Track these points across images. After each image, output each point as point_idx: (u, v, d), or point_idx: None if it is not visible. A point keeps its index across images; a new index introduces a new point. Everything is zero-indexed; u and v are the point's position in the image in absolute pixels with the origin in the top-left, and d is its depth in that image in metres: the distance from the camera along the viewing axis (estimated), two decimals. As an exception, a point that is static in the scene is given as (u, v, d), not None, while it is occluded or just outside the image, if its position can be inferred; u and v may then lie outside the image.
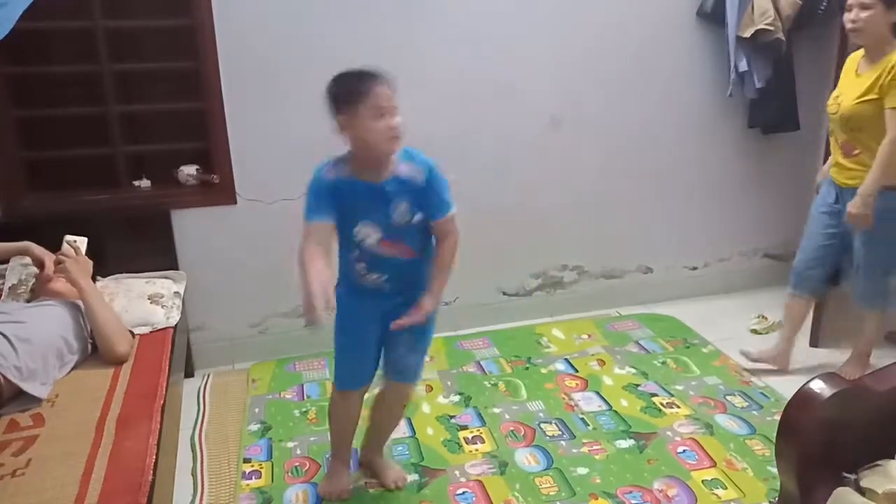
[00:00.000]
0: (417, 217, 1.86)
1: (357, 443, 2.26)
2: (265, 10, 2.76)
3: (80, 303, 2.31)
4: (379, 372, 2.09)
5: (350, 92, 1.76)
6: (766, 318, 3.29)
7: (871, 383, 1.48)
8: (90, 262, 2.41)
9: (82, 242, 2.43)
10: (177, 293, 2.66)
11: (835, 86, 3.55)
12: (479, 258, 3.27)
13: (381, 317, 1.96)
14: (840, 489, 1.41)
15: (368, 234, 1.85)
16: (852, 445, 1.41)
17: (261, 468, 2.33)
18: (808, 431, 1.41)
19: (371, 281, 1.92)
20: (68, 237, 2.42)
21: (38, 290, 2.37)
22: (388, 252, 1.87)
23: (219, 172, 2.89)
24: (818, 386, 1.43)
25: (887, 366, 1.56)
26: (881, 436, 1.41)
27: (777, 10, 3.09)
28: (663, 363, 2.97)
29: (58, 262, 2.32)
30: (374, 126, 1.74)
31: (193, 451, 2.45)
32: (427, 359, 3.00)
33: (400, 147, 1.81)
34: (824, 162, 3.62)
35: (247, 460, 2.38)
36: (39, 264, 2.35)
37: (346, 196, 1.82)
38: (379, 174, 1.83)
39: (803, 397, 1.43)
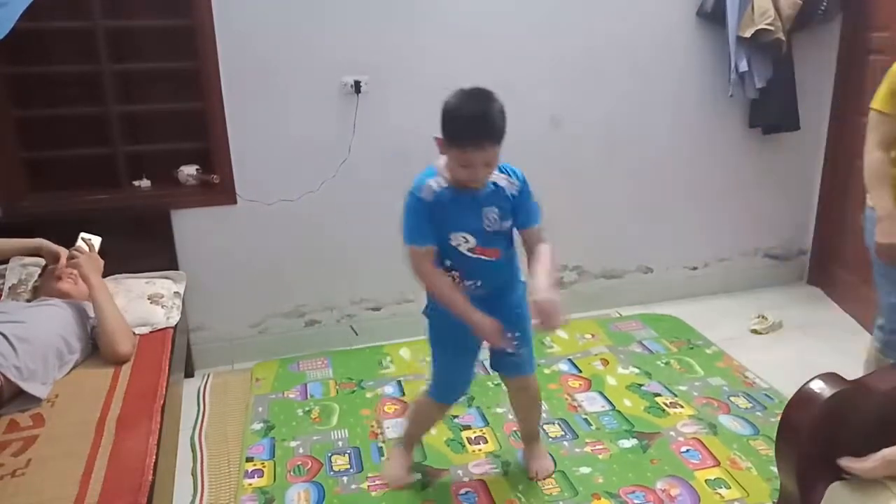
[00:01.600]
0: (506, 223, 1.91)
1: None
2: (265, 10, 2.75)
3: (81, 303, 2.31)
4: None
5: (452, 135, 1.75)
6: (767, 318, 3.29)
7: (871, 383, 1.48)
8: (101, 261, 2.42)
9: (96, 241, 2.46)
10: (177, 293, 2.66)
11: (835, 85, 3.57)
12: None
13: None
14: (834, 485, 1.41)
15: (464, 240, 1.88)
16: (852, 445, 1.41)
17: (263, 467, 2.33)
18: (808, 431, 1.41)
19: (465, 288, 1.94)
20: (84, 234, 2.44)
21: (43, 288, 2.37)
22: (482, 257, 1.91)
23: (219, 172, 2.89)
24: (818, 386, 1.43)
25: (887, 366, 1.55)
26: (881, 436, 1.40)
27: (777, 10, 3.08)
28: (667, 363, 2.97)
29: (71, 258, 2.34)
30: (458, 170, 1.78)
31: (193, 451, 2.45)
32: (430, 359, 3.02)
33: (483, 183, 1.84)
34: (825, 161, 3.65)
35: (249, 459, 2.38)
36: (54, 258, 2.36)
37: (442, 206, 1.84)
38: (472, 186, 1.85)
39: (803, 397, 1.43)
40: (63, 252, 2.37)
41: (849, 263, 3.47)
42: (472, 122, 1.73)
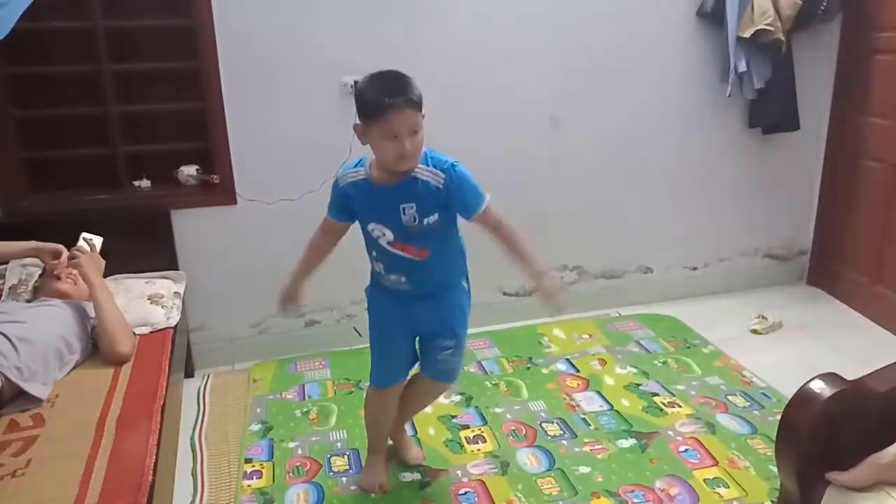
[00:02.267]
0: (429, 220, 1.83)
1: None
2: (265, 9, 2.75)
3: (81, 304, 2.31)
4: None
5: (369, 108, 1.72)
6: (767, 318, 3.29)
7: (871, 383, 1.48)
8: (103, 261, 2.42)
9: (98, 241, 2.46)
10: (177, 293, 2.66)
11: (835, 85, 3.57)
12: (479, 258, 3.25)
13: (411, 317, 2.00)
14: (833, 488, 1.41)
15: (381, 233, 1.88)
16: (852, 445, 1.41)
17: (262, 468, 2.33)
18: (808, 431, 1.41)
19: (391, 282, 1.95)
20: (85, 234, 2.44)
21: (43, 288, 2.37)
22: (402, 253, 1.89)
23: (219, 172, 2.89)
24: (818, 386, 1.43)
25: (887, 366, 1.55)
26: (881, 436, 1.40)
27: (777, 10, 3.08)
28: (664, 363, 2.97)
29: (72, 258, 2.34)
30: (385, 146, 1.73)
31: (193, 451, 2.45)
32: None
33: (409, 166, 1.78)
34: (824, 161, 3.66)
35: (248, 460, 2.38)
36: (54, 255, 2.35)
37: (358, 197, 1.89)
38: (394, 177, 1.82)
39: (803, 397, 1.43)
40: (62, 247, 2.36)
41: (855, 262, 3.48)
42: (387, 88, 1.70)
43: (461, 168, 1.85)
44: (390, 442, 2.32)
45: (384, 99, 1.68)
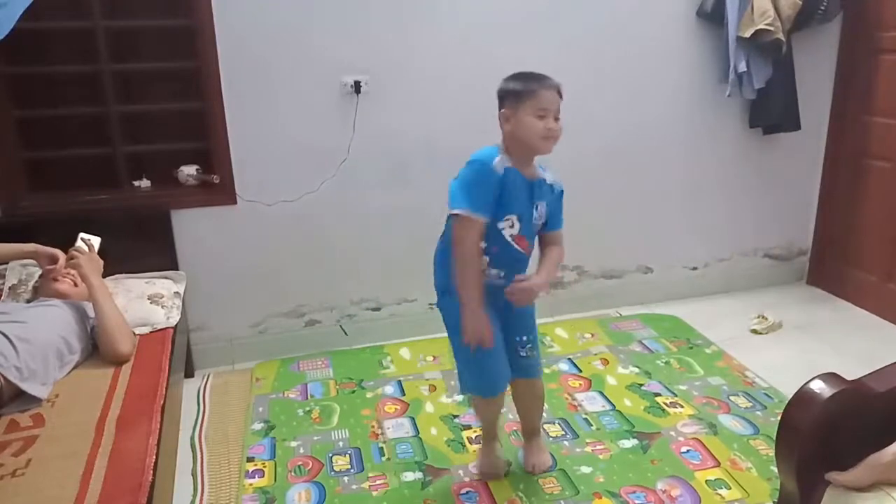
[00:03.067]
0: (544, 220, 2.01)
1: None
2: (265, 9, 2.75)
3: (81, 303, 2.31)
4: None
5: (519, 89, 1.87)
6: (767, 318, 3.29)
7: (871, 383, 1.48)
8: (101, 262, 2.42)
9: (96, 241, 2.45)
10: (177, 293, 2.66)
11: (835, 85, 3.58)
12: (479, 258, 3.27)
13: (500, 314, 2.02)
14: (832, 488, 1.41)
15: (511, 225, 1.92)
16: (852, 445, 1.41)
17: (264, 467, 2.33)
18: (808, 431, 1.41)
19: (491, 276, 1.96)
20: (83, 235, 2.43)
21: (41, 290, 2.37)
22: (517, 246, 1.95)
23: (219, 172, 2.89)
24: (818, 386, 1.42)
25: (887, 366, 1.55)
26: (881, 436, 1.40)
27: (777, 10, 3.08)
28: (667, 363, 2.97)
29: (71, 258, 2.34)
30: (534, 123, 1.85)
31: (193, 451, 2.45)
32: (431, 358, 3.03)
33: (550, 149, 1.90)
34: (824, 161, 3.66)
35: (250, 459, 2.38)
36: (52, 259, 2.35)
37: (510, 186, 1.88)
38: (531, 172, 1.95)
39: (803, 397, 1.43)
40: (60, 252, 2.36)
41: (862, 261, 3.48)
42: (536, 75, 1.90)
43: None
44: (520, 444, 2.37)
45: (537, 82, 1.87)
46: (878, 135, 3.33)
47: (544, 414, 2.58)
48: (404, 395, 2.77)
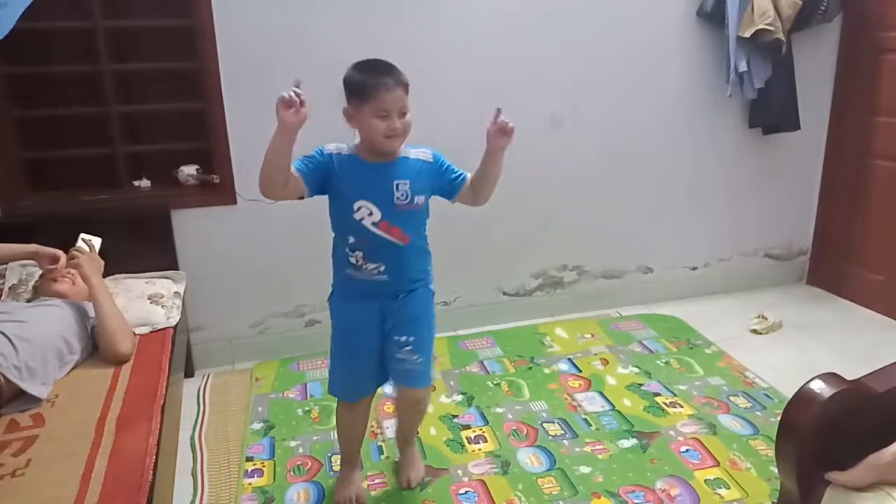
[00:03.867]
0: (419, 199, 1.87)
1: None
2: (265, 9, 2.75)
3: (81, 303, 2.31)
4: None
5: (359, 88, 1.79)
6: (767, 318, 3.29)
7: (871, 383, 1.48)
8: (102, 262, 2.42)
9: (97, 241, 2.46)
10: (177, 293, 2.66)
11: (835, 85, 3.58)
12: (479, 258, 3.27)
13: (381, 320, 1.95)
14: (834, 485, 1.41)
15: (368, 213, 1.84)
16: (852, 445, 1.41)
17: (263, 467, 2.33)
18: (808, 431, 1.41)
19: (368, 272, 1.88)
20: (84, 235, 2.44)
21: (41, 290, 2.37)
22: (386, 235, 1.85)
23: (219, 172, 2.89)
24: (818, 386, 1.42)
25: (887, 366, 1.55)
26: (881, 436, 1.40)
27: (777, 10, 3.08)
28: (667, 363, 2.97)
29: (71, 258, 2.34)
30: (375, 124, 1.78)
31: (193, 451, 2.45)
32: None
33: (397, 146, 1.84)
34: (824, 161, 3.66)
35: (249, 459, 2.38)
36: (52, 259, 2.35)
37: (347, 172, 1.84)
38: (385, 158, 1.86)
39: (803, 397, 1.43)
40: (61, 253, 2.36)
41: (865, 260, 3.48)
42: (375, 69, 1.80)
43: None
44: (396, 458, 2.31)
45: (375, 79, 1.76)
46: (880, 134, 3.33)
47: (544, 413, 2.59)
48: (404, 394, 2.77)
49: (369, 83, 1.77)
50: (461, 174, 1.95)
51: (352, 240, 1.88)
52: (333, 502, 2.13)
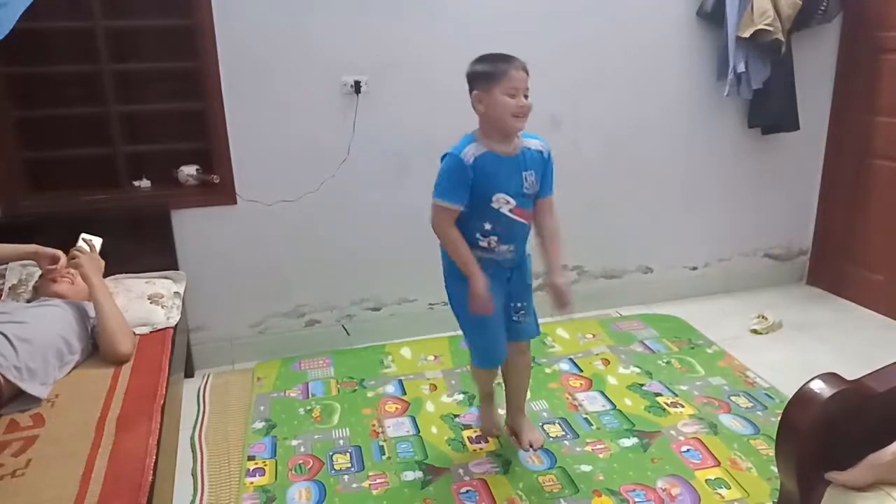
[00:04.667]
0: (537, 185, 2.07)
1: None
2: (265, 9, 2.75)
3: (82, 303, 2.31)
4: None
5: (490, 71, 1.94)
6: (767, 318, 3.29)
7: (871, 383, 1.48)
8: (102, 262, 2.42)
9: (97, 242, 2.46)
10: (177, 293, 2.66)
11: (835, 85, 3.58)
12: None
13: (506, 289, 2.15)
14: (834, 485, 1.41)
15: (505, 202, 2.00)
16: (852, 445, 1.41)
17: (264, 466, 2.33)
18: (808, 431, 1.41)
19: (500, 252, 2.07)
20: (85, 235, 2.44)
21: (41, 290, 2.37)
22: (519, 219, 2.04)
23: (219, 172, 2.89)
24: (818, 386, 1.42)
25: (887, 366, 1.55)
26: (881, 436, 1.40)
27: (777, 10, 3.08)
28: (668, 363, 2.97)
29: (72, 258, 2.34)
30: (506, 102, 1.93)
31: (193, 451, 2.45)
32: (432, 357, 3.03)
33: (523, 125, 1.99)
34: (824, 161, 3.66)
35: (251, 458, 2.38)
36: (52, 260, 2.35)
37: (486, 169, 1.97)
38: (512, 148, 2.02)
39: (803, 397, 1.43)
40: (61, 253, 2.36)
41: (866, 260, 3.48)
42: (502, 55, 1.97)
43: None
44: (504, 428, 2.48)
45: (504, 62, 1.95)
46: (880, 134, 3.33)
47: (544, 413, 2.59)
48: (405, 394, 2.77)
49: (500, 65, 1.94)
50: (551, 189, 2.13)
51: (488, 226, 2.04)
52: (480, 429, 2.46)
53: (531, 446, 2.35)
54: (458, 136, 3.02)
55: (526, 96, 1.96)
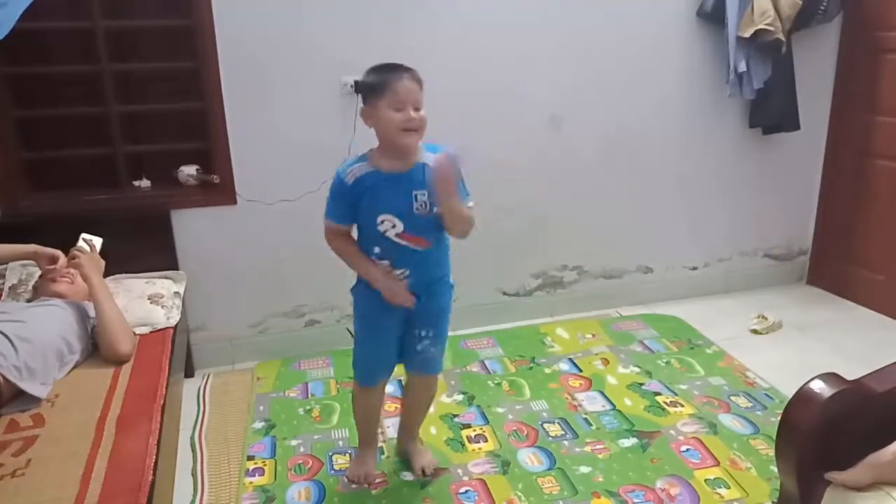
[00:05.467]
0: (437, 208, 1.88)
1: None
2: (265, 9, 2.75)
3: (82, 303, 2.31)
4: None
5: (374, 84, 1.84)
6: (766, 318, 3.29)
7: (871, 383, 1.48)
8: (103, 262, 2.42)
9: (98, 242, 2.45)
10: (177, 293, 2.66)
11: (835, 85, 3.58)
12: (479, 258, 3.27)
13: (403, 313, 2.01)
14: (834, 485, 1.41)
15: (391, 225, 1.89)
16: (852, 445, 1.41)
17: (264, 465, 2.33)
18: (808, 431, 1.41)
19: (395, 276, 1.96)
20: (85, 235, 2.43)
21: (41, 290, 2.37)
22: (409, 244, 1.91)
23: (219, 172, 2.89)
24: (818, 386, 1.42)
25: (887, 366, 1.55)
26: (881, 436, 1.40)
27: (777, 10, 3.08)
28: (667, 363, 2.97)
29: (72, 258, 2.33)
30: (392, 117, 1.81)
31: (193, 451, 2.45)
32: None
33: (415, 140, 1.86)
34: (824, 161, 3.66)
35: (250, 458, 2.38)
36: (52, 259, 2.35)
37: (368, 189, 1.88)
38: (402, 165, 1.89)
39: (803, 397, 1.43)
40: (60, 253, 2.36)
41: (866, 260, 3.48)
42: (389, 67, 1.86)
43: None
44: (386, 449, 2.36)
45: (388, 73, 1.83)
46: (880, 134, 3.33)
47: (544, 413, 2.59)
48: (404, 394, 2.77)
49: (383, 77, 1.83)
50: (464, 194, 1.91)
51: (377, 250, 1.93)
52: (347, 479, 2.24)
53: (423, 472, 2.24)
54: (457, 135, 3.03)
55: (418, 108, 1.82)
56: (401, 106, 1.81)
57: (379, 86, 1.82)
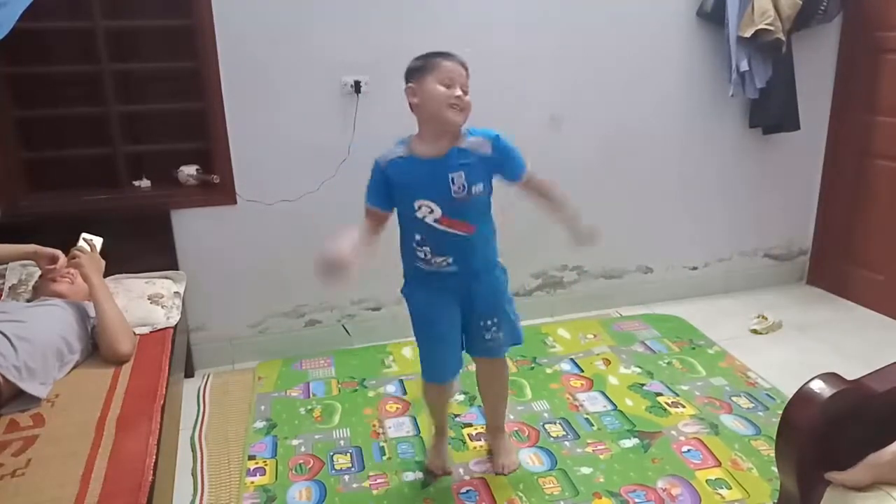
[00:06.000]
0: (476, 189, 1.88)
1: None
2: (265, 9, 2.75)
3: (82, 303, 2.31)
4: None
5: (423, 63, 1.86)
6: (767, 318, 3.29)
7: (871, 383, 1.48)
8: (103, 262, 2.42)
9: (98, 241, 2.45)
10: (177, 293, 2.66)
11: (835, 85, 3.58)
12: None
13: (459, 305, 2.02)
14: (834, 485, 1.41)
15: (429, 210, 1.88)
16: (852, 445, 1.41)
17: (265, 465, 2.33)
18: (808, 431, 1.41)
19: (437, 265, 1.94)
20: (85, 235, 2.43)
21: (40, 290, 2.37)
22: (450, 229, 1.89)
23: (219, 172, 2.89)
24: (818, 386, 1.42)
25: (887, 366, 1.55)
26: (881, 436, 1.40)
27: (777, 9, 3.08)
28: (669, 363, 2.97)
29: (72, 257, 2.33)
30: (438, 91, 1.82)
31: (193, 451, 2.45)
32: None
33: (463, 119, 1.86)
34: (824, 161, 3.66)
35: (251, 457, 2.38)
36: (52, 259, 2.35)
37: (402, 175, 1.89)
38: (440, 148, 1.87)
39: (803, 397, 1.43)
40: (60, 253, 2.36)
41: (866, 260, 3.48)
42: (437, 51, 1.88)
43: (505, 136, 1.92)
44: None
45: (436, 55, 1.85)
46: (880, 134, 3.33)
47: (545, 414, 2.59)
48: (406, 394, 2.77)
49: (432, 58, 1.85)
50: (521, 170, 1.96)
51: (418, 237, 1.93)
52: (425, 468, 2.27)
53: (502, 469, 2.23)
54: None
55: (465, 91, 1.84)
56: (449, 82, 1.82)
57: (428, 64, 1.84)
